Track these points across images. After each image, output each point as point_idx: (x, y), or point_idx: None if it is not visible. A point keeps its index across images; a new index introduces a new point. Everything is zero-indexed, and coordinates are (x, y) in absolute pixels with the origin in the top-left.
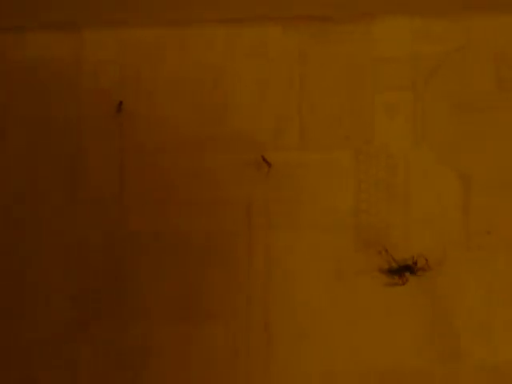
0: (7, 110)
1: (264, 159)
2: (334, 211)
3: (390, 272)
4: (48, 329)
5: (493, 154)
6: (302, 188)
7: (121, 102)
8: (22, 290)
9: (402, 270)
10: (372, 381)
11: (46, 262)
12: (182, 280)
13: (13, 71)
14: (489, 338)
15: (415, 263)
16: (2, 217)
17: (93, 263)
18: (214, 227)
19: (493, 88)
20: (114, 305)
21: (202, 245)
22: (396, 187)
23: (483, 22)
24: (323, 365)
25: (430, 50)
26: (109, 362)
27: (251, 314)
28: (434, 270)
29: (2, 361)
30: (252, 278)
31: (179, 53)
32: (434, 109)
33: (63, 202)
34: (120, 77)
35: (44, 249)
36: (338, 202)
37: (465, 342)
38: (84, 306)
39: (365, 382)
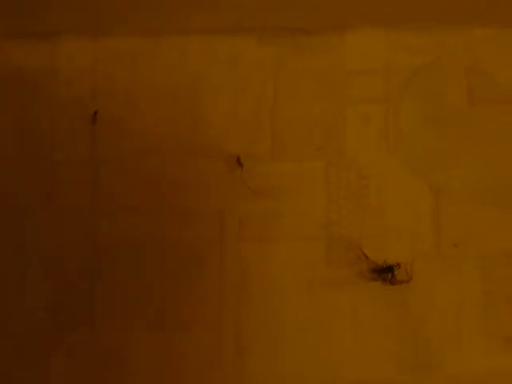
0: None
1: (238, 160)
2: (305, 222)
3: (373, 272)
4: (22, 337)
5: (464, 165)
6: (274, 198)
7: (96, 112)
8: None
9: (386, 271)
10: None
11: (20, 270)
12: (156, 289)
13: None
14: (460, 349)
15: (398, 265)
16: None
17: (67, 271)
18: (186, 236)
19: (465, 101)
20: (87, 313)
21: (175, 254)
22: (368, 199)
23: (456, 35)
24: (295, 376)
25: (403, 63)
26: (82, 371)
27: (223, 324)
28: (405, 281)
29: None
30: (224, 288)
31: (154, 63)
32: (407, 121)
33: (38, 210)
34: (95, 86)
35: (18, 257)
36: (309, 213)
37: (436, 352)
38: (58, 314)
39: None
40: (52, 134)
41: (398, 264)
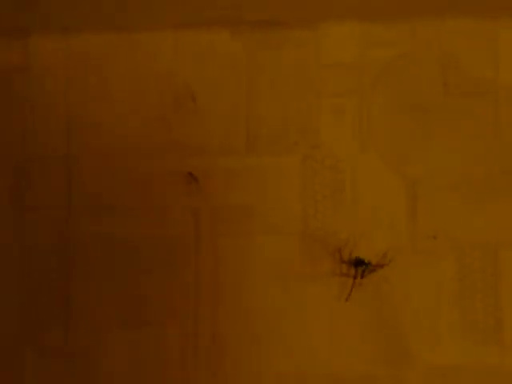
0: None
1: (191, 174)
2: (281, 217)
3: (348, 263)
4: None
5: (438, 158)
6: (249, 194)
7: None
8: None
9: (358, 264)
10: None
11: None
12: (130, 286)
13: None
14: (436, 341)
15: (368, 262)
16: None
17: (40, 270)
18: (162, 233)
19: (438, 92)
20: (61, 313)
21: (150, 251)
22: (343, 192)
23: (429, 26)
24: (271, 370)
25: (377, 56)
26: (57, 370)
27: (199, 320)
28: (381, 274)
29: None
30: (200, 284)
31: (127, 59)
32: (381, 113)
33: (11, 210)
34: (67, 83)
35: None
36: (285, 208)
37: (412, 345)
38: (32, 313)
39: None
40: (24, 133)
41: (369, 262)
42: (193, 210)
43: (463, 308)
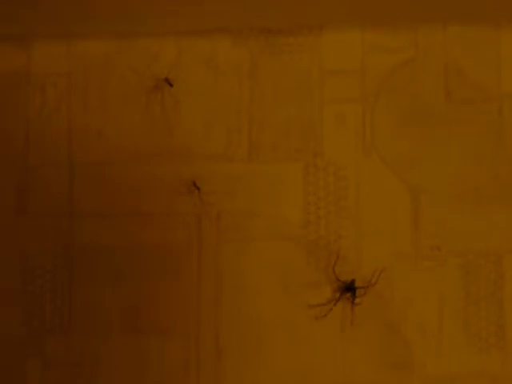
0: None
1: (194, 184)
2: (283, 224)
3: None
4: None
5: (442, 165)
6: (252, 200)
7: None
8: None
9: (345, 291)
10: None
11: None
12: (133, 293)
13: None
14: (439, 349)
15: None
16: None
17: (44, 276)
18: (163, 240)
19: (442, 100)
20: (63, 319)
21: (152, 258)
22: (345, 200)
23: (432, 33)
24: (274, 379)
25: (379, 62)
26: (59, 375)
27: (201, 327)
28: (384, 283)
29: None
30: (202, 291)
31: (128, 65)
32: (384, 121)
33: (13, 216)
34: (69, 90)
35: None
36: (287, 215)
37: (416, 353)
38: (35, 320)
39: None
40: (26, 140)
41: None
42: (195, 216)
43: (466, 316)
